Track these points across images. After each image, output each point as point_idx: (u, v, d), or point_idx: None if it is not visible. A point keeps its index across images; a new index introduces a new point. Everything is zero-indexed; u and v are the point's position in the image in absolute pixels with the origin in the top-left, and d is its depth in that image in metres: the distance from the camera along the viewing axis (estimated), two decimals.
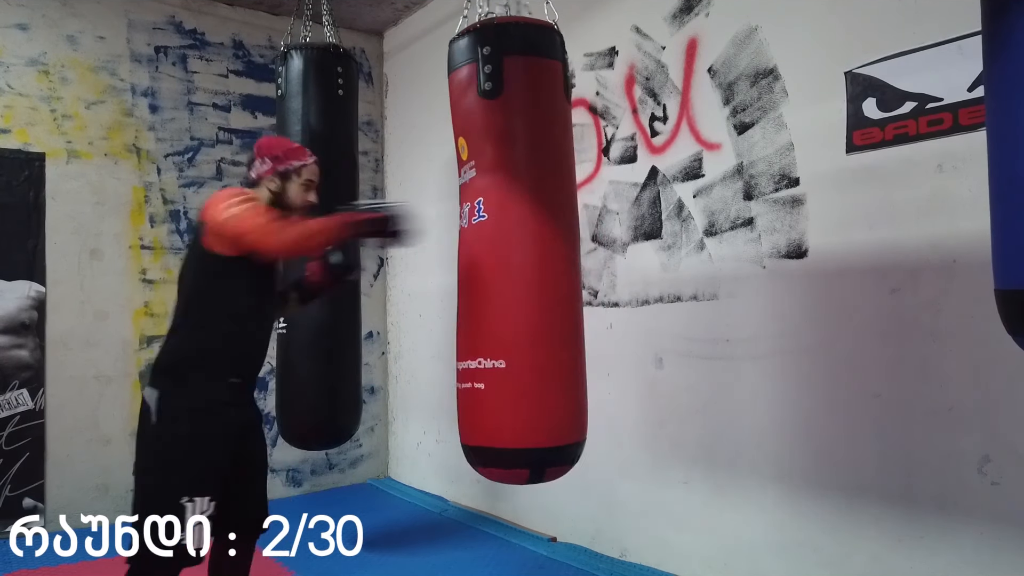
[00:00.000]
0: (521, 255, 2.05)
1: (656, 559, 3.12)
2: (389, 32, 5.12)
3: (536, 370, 2.01)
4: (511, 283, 2.05)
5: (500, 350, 2.01)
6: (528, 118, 2.10)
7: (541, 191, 2.08)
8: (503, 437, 2.03)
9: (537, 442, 2.01)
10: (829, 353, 2.54)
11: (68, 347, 3.96)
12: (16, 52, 3.90)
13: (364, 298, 4.02)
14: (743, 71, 2.80)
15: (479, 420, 2.08)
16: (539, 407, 2.01)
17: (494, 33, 2.09)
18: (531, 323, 2.02)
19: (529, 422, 2.00)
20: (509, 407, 2.01)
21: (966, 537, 2.18)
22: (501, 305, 2.05)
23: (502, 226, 2.06)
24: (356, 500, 4.55)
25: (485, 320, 2.07)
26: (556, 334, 2.06)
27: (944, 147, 2.23)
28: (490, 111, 2.09)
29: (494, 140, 2.09)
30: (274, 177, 2.14)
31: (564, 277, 2.10)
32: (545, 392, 2.02)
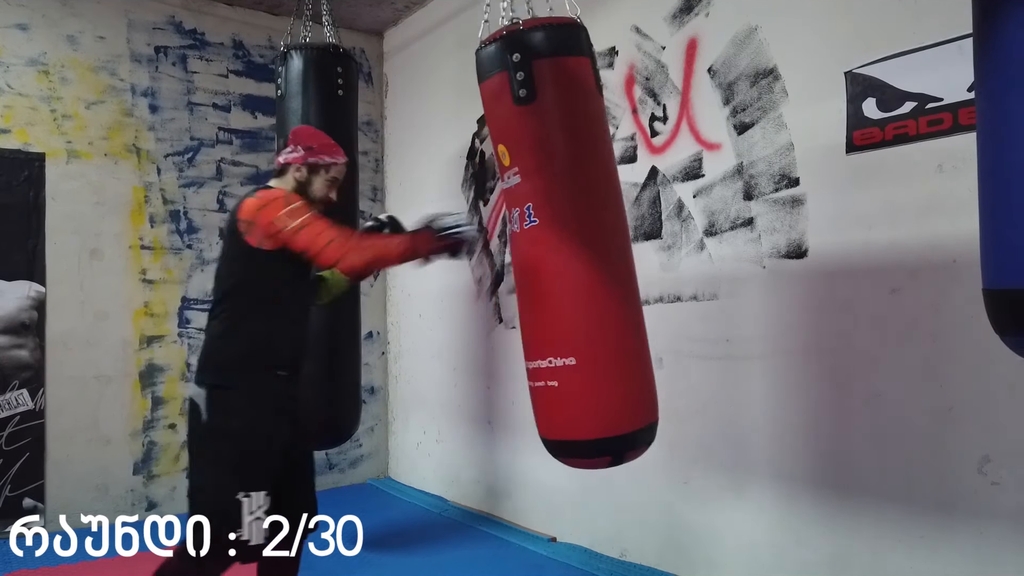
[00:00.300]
0: (574, 256, 2.10)
1: (656, 559, 3.12)
2: (389, 32, 5.12)
3: (602, 363, 2.09)
4: (567, 284, 2.11)
5: (568, 348, 2.08)
6: (565, 119, 2.12)
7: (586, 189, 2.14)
8: (580, 430, 2.11)
9: (611, 431, 2.09)
10: (829, 353, 2.54)
11: (68, 347, 3.96)
12: (16, 52, 3.90)
13: (364, 298, 4.02)
14: (743, 71, 2.80)
15: (556, 415, 2.15)
16: (609, 398, 2.10)
17: (521, 38, 2.08)
18: (592, 319, 2.10)
19: (602, 413, 2.09)
20: (582, 401, 2.10)
21: (966, 537, 2.18)
22: (562, 305, 2.12)
23: (553, 229, 2.10)
24: (356, 500, 4.55)
25: (550, 321, 2.14)
26: (617, 326, 2.14)
27: (944, 147, 2.23)
28: (526, 117, 2.10)
29: (534, 146, 2.11)
30: (302, 167, 2.15)
31: (616, 270, 2.17)
32: (613, 383, 2.11)
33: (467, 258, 2.17)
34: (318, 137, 2.24)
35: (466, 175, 4.28)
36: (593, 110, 2.17)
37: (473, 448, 4.18)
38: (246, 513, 1.94)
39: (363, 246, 2.00)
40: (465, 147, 4.29)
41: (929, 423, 2.28)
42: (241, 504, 1.94)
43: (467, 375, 4.26)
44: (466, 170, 4.29)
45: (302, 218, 1.98)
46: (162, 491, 4.16)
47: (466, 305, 4.26)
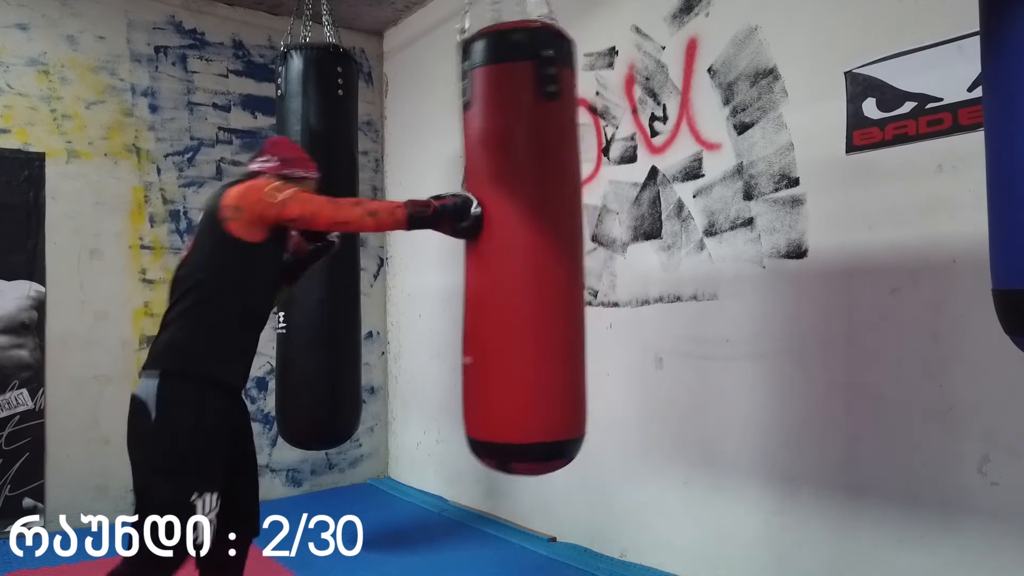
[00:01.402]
0: (491, 258, 2.20)
1: (656, 559, 3.12)
2: (389, 32, 5.12)
3: (501, 368, 2.13)
4: (480, 284, 2.24)
5: (471, 347, 2.19)
6: (491, 125, 2.16)
7: (514, 193, 2.14)
8: (476, 429, 2.21)
9: (502, 437, 2.14)
10: (829, 353, 2.54)
11: (68, 347, 3.96)
12: (16, 52, 3.90)
13: (364, 298, 4.02)
14: (743, 71, 2.80)
15: (465, 410, 2.26)
16: (502, 404, 2.12)
17: (468, 48, 2.15)
18: (494, 329, 2.16)
19: (495, 417, 2.15)
20: (478, 401, 2.18)
21: (966, 537, 2.18)
22: (473, 304, 2.26)
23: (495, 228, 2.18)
24: (356, 500, 4.55)
25: (465, 318, 2.27)
26: (523, 333, 2.13)
27: (944, 147, 2.23)
28: (465, 123, 2.20)
29: (468, 148, 2.25)
30: (274, 178, 2.13)
31: (537, 278, 2.15)
32: (512, 389, 2.11)
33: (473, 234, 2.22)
34: (294, 150, 2.27)
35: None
36: (530, 115, 2.12)
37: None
38: (198, 515, 1.90)
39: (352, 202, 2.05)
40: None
41: (929, 423, 2.28)
42: (195, 506, 1.90)
43: None
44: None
45: (290, 191, 2.01)
46: None
47: None
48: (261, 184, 2.05)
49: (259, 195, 2.01)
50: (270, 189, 2.02)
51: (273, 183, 2.05)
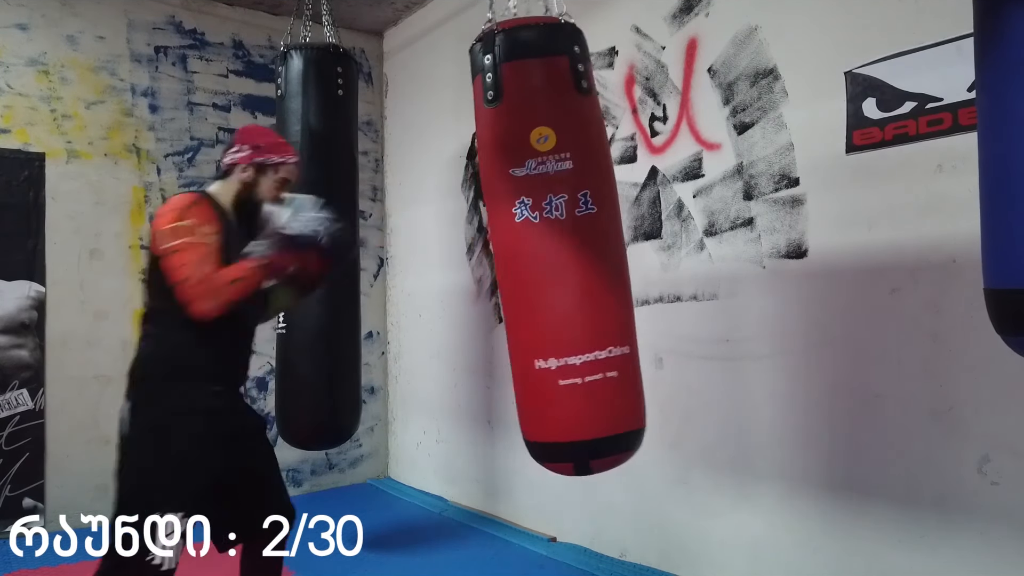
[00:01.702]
0: (620, 244, 2.21)
1: (656, 559, 3.12)
2: (389, 32, 5.12)
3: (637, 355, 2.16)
4: (618, 273, 2.15)
5: (626, 337, 2.09)
6: (601, 119, 2.23)
7: (614, 186, 2.22)
8: (640, 419, 2.15)
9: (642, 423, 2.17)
10: (829, 353, 2.54)
11: (68, 347, 3.96)
12: (16, 52, 3.90)
13: (364, 298, 4.02)
14: (743, 71, 2.80)
15: (619, 406, 2.09)
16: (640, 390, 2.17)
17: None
18: (630, 310, 2.18)
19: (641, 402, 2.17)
20: (637, 390, 2.14)
21: (966, 537, 2.18)
22: (613, 293, 2.12)
23: (609, 217, 2.14)
24: (356, 500, 4.55)
25: (603, 309, 2.09)
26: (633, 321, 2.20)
27: (944, 147, 2.23)
28: (587, 106, 2.13)
29: (592, 135, 2.14)
30: (249, 167, 2.04)
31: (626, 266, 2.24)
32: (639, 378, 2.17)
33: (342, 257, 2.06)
34: (266, 136, 2.13)
35: (466, 175, 4.28)
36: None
37: (473, 448, 4.18)
38: (160, 535, 1.81)
39: (213, 288, 1.81)
40: (465, 147, 4.29)
41: (929, 423, 2.28)
42: (156, 526, 1.81)
43: (467, 375, 4.26)
44: (466, 170, 4.28)
45: (179, 240, 1.82)
46: None
47: (466, 305, 4.26)
48: (172, 215, 1.88)
49: (159, 227, 1.87)
50: (167, 229, 1.85)
51: (181, 221, 1.86)
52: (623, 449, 2.11)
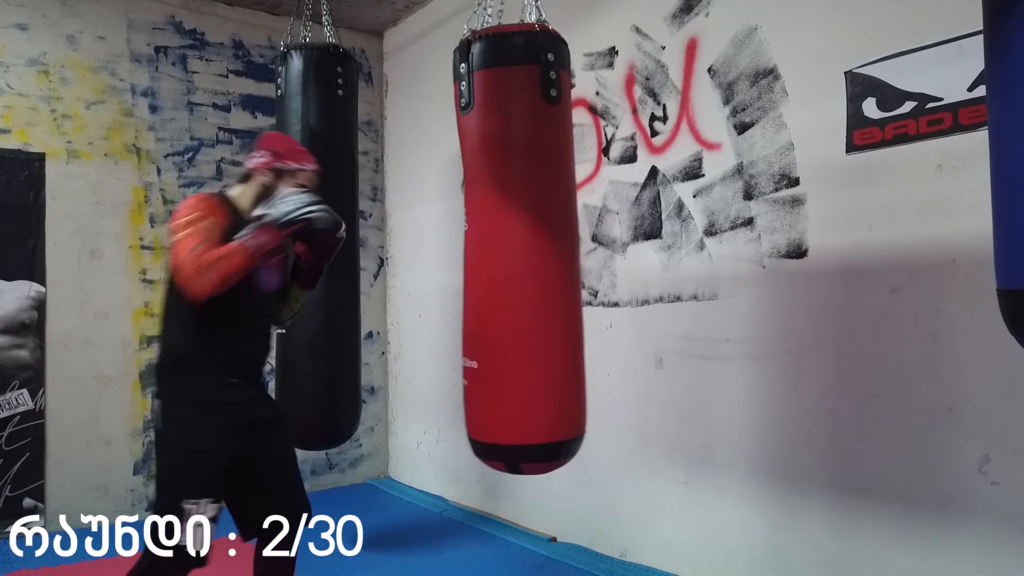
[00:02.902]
0: (490, 262, 2.21)
1: (656, 559, 3.12)
2: (389, 32, 5.12)
3: (504, 371, 2.16)
4: (480, 289, 2.23)
5: (473, 352, 2.21)
6: (496, 127, 2.16)
7: (517, 197, 2.15)
8: (480, 431, 2.23)
9: (508, 439, 2.17)
10: (829, 353, 2.54)
11: (68, 347, 3.96)
12: (16, 52, 3.90)
13: (364, 298, 4.02)
14: (743, 71, 2.80)
15: (468, 414, 2.30)
16: (510, 406, 2.15)
17: (467, 49, 2.16)
18: (498, 326, 2.17)
19: (502, 419, 2.17)
20: (482, 405, 2.21)
21: (966, 537, 2.18)
22: (473, 309, 2.25)
23: (476, 234, 2.24)
24: (356, 500, 4.55)
25: (465, 323, 2.28)
26: (524, 336, 2.15)
27: (944, 147, 2.23)
28: (466, 124, 2.20)
29: (468, 151, 2.23)
30: (268, 171, 2.11)
31: (536, 280, 2.17)
32: (515, 392, 2.15)
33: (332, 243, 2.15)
34: (286, 143, 2.21)
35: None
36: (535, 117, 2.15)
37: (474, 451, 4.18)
38: (189, 521, 1.92)
39: (201, 267, 1.88)
40: None
41: (929, 423, 2.28)
42: (184, 511, 1.92)
43: None
44: None
45: (185, 231, 1.93)
46: None
47: None
48: (182, 211, 1.98)
49: (174, 220, 1.98)
50: (182, 221, 1.95)
51: (192, 213, 1.96)
52: (473, 451, 2.29)
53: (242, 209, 2.09)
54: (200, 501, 1.94)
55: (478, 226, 2.21)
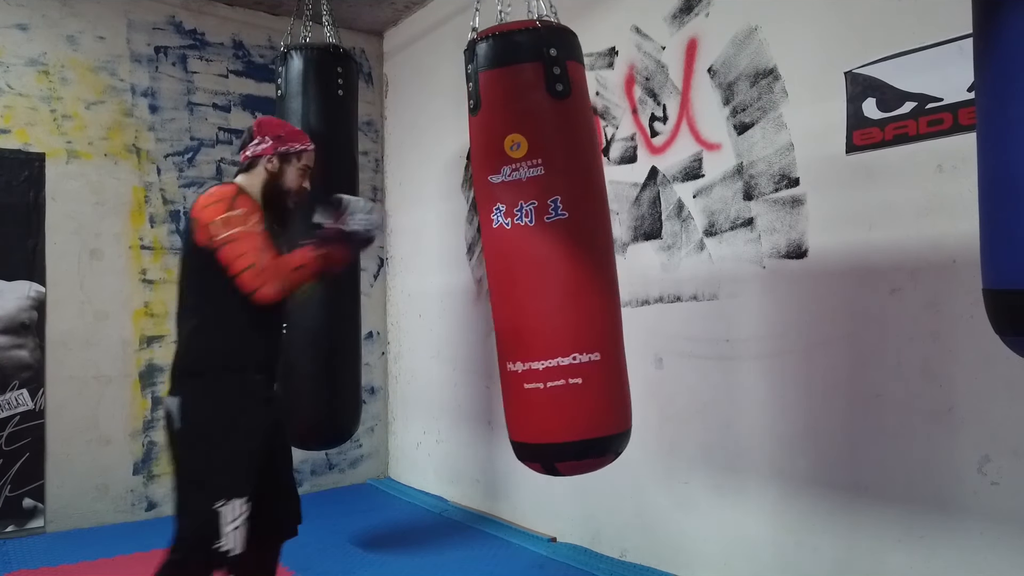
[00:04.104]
0: (599, 251, 2.19)
1: (656, 559, 3.12)
2: (389, 32, 5.12)
3: (620, 360, 2.18)
4: (591, 279, 2.14)
5: (596, 343, 2.09)
6: (587, 119, 2.23)
7: (599, 189, 2.23)
8: (612, 425, 2.14)
9: (626, 426, 2.19)
10: (829, 353, 2.54)
11: (68, 347, 3.96)
12: (16, 52, 3.90)
13: (364, 298, 4.02)
14: (743, 71, 2.80)
15: (582, 412, 2.10)
16: (622, 395, 2.18)
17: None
18: (610, 316, 2.16)
19: (621, 408, 2.17)
20: (607, 396, 2.12)
21: (966, 537, 2.18)
22: (588, 300, 2.13)
23: (582, 224, 2.13)
24: (356, 500, 4.55)
25: (579, 315, 2.11)
26: (620, 326, 2.21)
27: (944, 147, 2.23)
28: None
29: (566, 140, 2.15)
30: (274, 157, 2.08)
31: (613, 268, 2.24)
32: (623, 382, 2.19)
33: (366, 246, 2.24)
34: (284, 126, 2.19)
35: (466, 175, 4.28)
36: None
37: (473, 448, 4.18)
38: (226, 522, 1.89)
39: (279, 273, 1.90)
40: (465, 147, 4.28)
41: (929, 423, 2.28)
42: (220, 514, 1.89)
43: (467, 375, 4.26)
44: (466, 170, 4.28)
45: (233, 230, 1.90)
46: (162, 491, 4.16)
47: (466, 305, 4.26)
48: (221, 205, 1.94)
49: (210, 218, 1.93)
50: (219, 220, 1.91)
51: (232, 211, 1.92)
52: (589, 455, 2.15)
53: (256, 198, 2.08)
54: (233, 501, 1.91)
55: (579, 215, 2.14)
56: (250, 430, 1.99)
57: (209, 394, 1.98)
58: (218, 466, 1.93)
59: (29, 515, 3.80)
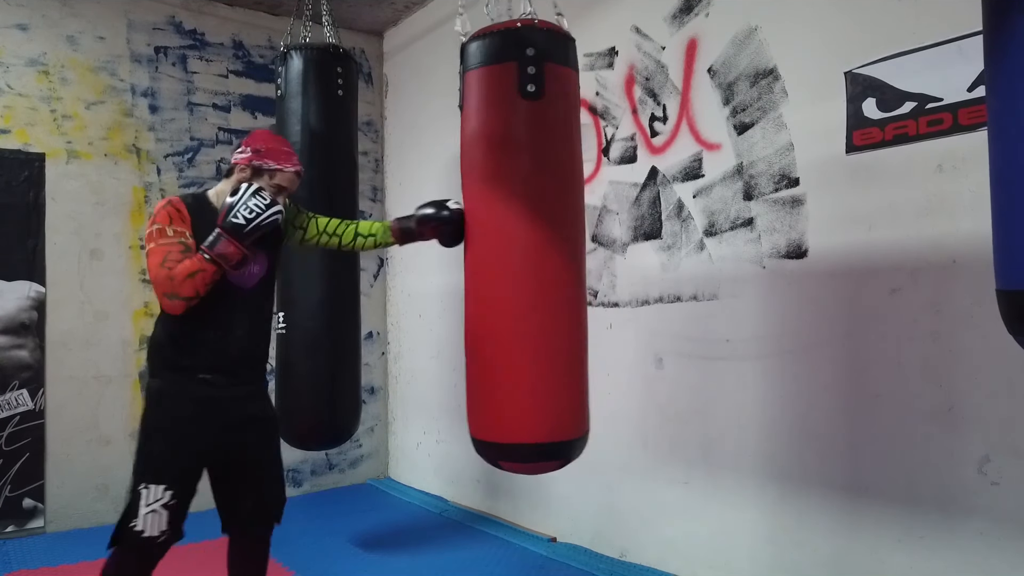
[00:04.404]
0: (482, 257, 2.25)
1: (656, 559, 3.12)
2: (389, 32, 5.12)
3: (500, 368, 2.21)
4: (476, 284, 2.31)
5: (471, 349, 2.26)
6: (477, 124, 2.17)
7: (506, 191, 2.15)
8: (476, 429, 2.33)
9: (493, 437, 2.25)
10: (829, 353, 2.54)
11: (68, 347, 3.96)
12: (16, 52, 3.90)
13: (364, 298, 4.02)
14: (743, 71, 2.80)
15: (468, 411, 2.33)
16: (500, 404, 2.21)
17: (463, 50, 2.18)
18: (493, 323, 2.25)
19: (492, 418, 2.24)
20: (474, 402, 2.26)
21: (966, 537, 2.19)
22: (472, 306, 2.34)
23: (471, 231, 2.28)
24: (356, 500, 4.55)
25: (466, 320, 2.31)
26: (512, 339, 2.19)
27: (944, 147, 2.23)
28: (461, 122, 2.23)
29: (462, 149, 2.26)
30: (247, 168, 2.12)
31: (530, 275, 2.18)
32: (507, 391, 2.19)
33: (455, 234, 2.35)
34: (272, 142, 2.18)
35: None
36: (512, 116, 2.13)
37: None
38: (143, 504, 2.01)
39: (173, 285, 1.97)
40: None
41: (929, 423, 2.28)
42: (140, 495, 2.02)
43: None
44: None
45: (151, 244, 2.02)
46: None
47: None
48: (153, 218, 2.06)
49: (149, 227, 2.06)
50: (149, 231, 2.04)
51: (155, 225, 2.03)
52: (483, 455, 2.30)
53: (217, 207, 2.13)
54: (152, 487, 2.02)
55: (472, 221, 2.24)
56: (185, 423, 2.07)
57: (152, 390, 2.13)
58: (146, 454, 2.07)
59: (29, 515, 3.80)
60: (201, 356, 2.10)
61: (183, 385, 2.09)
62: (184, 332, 2.08)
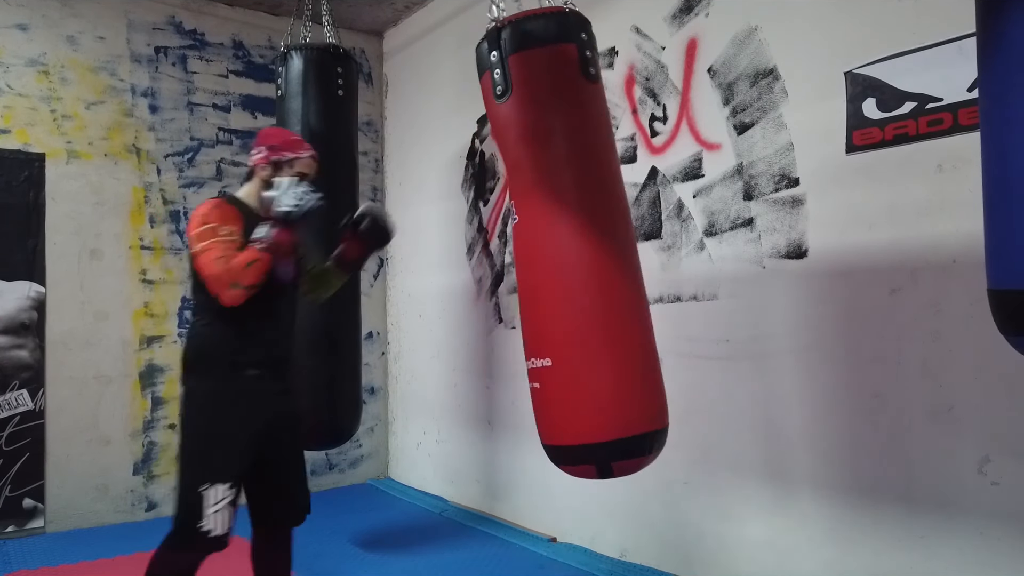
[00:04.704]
0: (553, 254, 2.03)
1: (656, 559, 3.12)
2: (389, 32, 5.12)
3: (580, 365, 2.00)
4: (544, 284, 2.06)
5: (545, 349, 2.02)
6: (539, 112, 2.05)
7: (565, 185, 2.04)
8: (561, 435, 2.04)
9: (592, 438, 2.00)
10: (829, 353, 2.54)
11: (68, 347, 3.96)
12: (16, 52, 3.90)
13: (364, 298, 4.02)
14: (743, 71, 2.80)
15: (541, 419, 2.10)
16: (588, 402, 2.00)
17: (497, 36, 2.07)
18: (569, 320, 2.01)
19: (583, 418, 2.00)
20: (559, 405, 2.03)
21: (966, 537, 2.18)
22: (542, 306, 2.07)
23: (529, 226, 2.07)
24: (356, 500, 4.55)
25: (534, 320, 2.09)
26: (601, 327, 2.03)
27: (944, 147, 2.23)
28: (503, 113, 2.08)
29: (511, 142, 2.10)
30: (267, 166, 2.20)
31: (608, 270, 2.06)
32: (593, 387, 1.99)
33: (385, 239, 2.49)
34: (281, 135, 2.31)
35: (466, 175, 4.28)
36: (577, 97, 2.07)
37: (473, 448, 4.18)
38: (208, 505, 2.03)
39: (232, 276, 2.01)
40: (465, 147, 4.29)
41: (929, 423, 2.28)
42: (203, 496, 2.04)
43: (467, 375, 4.26)
44: (466, 170, 4.29)
45: (201, 244, 2.05)
46: (162, 491, 4.17)
47: (466, 305, 4.26)
48: (196, 220, 2.09)
49: (189, 232, 2.11)
50: (194, 234, 2.08)
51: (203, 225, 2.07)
52: (551, 459, 2.12)
53: (253, 208, 2.19)
54: (217, 486, 2.04)
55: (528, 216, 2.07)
56: (240, 421, 2.11)
57: (203, 386, 2.14)
58: (204, 452, 2.09)
59: (29, 515, 3.80)
60: (253, 351, 2.15)
61: (236, 382, 2.13)
62: (240, 325, 2.12)
